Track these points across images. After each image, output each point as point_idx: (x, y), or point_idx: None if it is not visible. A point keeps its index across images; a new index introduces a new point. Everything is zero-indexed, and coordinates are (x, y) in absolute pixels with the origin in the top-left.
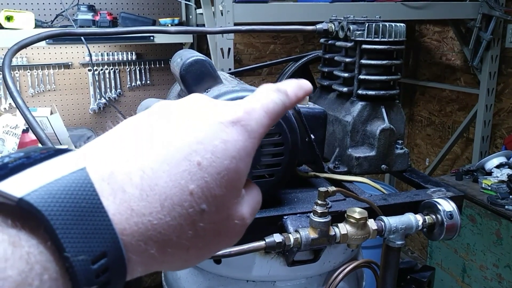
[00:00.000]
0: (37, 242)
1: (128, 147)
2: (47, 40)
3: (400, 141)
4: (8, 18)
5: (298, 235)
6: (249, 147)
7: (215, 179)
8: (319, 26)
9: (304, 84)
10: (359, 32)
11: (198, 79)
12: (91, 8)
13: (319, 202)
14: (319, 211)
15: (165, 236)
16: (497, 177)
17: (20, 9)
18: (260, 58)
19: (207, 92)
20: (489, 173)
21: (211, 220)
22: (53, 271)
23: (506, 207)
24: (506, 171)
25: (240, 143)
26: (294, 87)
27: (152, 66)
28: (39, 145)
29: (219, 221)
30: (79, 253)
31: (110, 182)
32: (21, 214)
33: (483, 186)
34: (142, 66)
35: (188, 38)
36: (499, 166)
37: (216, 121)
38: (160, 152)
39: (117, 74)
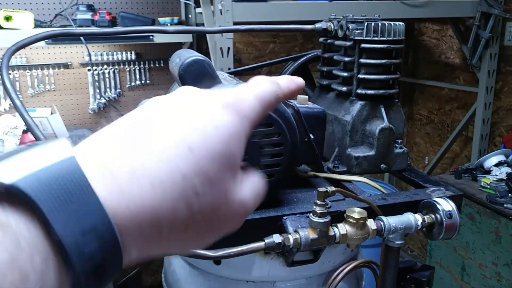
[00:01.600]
0: (25, 222)
1: (120, 137)
2: (46, 40)
3: (399, 141)
4: (7, 18)
5: (297, 236)
6: (240, 130)
7: (208, 162)
8: (318, 25)
9: (295, 78)
10: (358, 31)
11: (197, 79)
12: (90, 7)
13: (318, 202)
14: (318, 212)
15: (158, 217)
16: (496, 175)
17: (19, 9)
18: (259, 57)
19: None
20: (488, 172)
21: (207, 201)
22: (42, 248)
23: (505, 205)
24: (505, 169)
25: (231, 127)
26: (286, 79)
27: (152, 65)
28: None
29: (215, 202)
30: (67, 227)
31: (100, 168)
32: (11, 200)
33: (482, 184)
34: (142, 65)
35: (188, 38)
36: (498, 165)
37: (207, 106)
38: (151, 139)
39: (117, 74)
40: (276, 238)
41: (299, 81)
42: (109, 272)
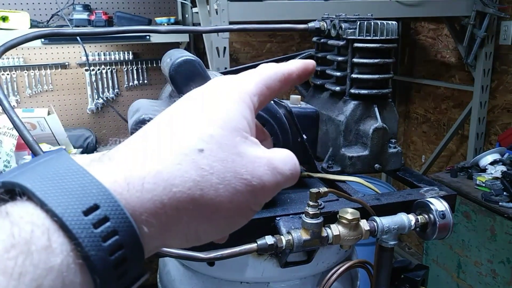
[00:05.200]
0: (25, 209)
1: (137, 137)
2: (43, 40)
3: (393, 140)
4: (3, 19)
5: (290, 237)
6: (236, 97)
7: (208, 123)
8: (311, 24)
9: (305, 60)
10: (351, 30)
11: (187, 79)
12: (86, 7)
13: (311, 203)
14: (311, 213)
15: (166, 180)
16: (491, 174)
17: (16, 9)
18: (256, 56)
19: None
20: (484, 170)
21: (215, 157)
22: (42, 226)
23: (500, 203)
24: (500, 168)
25: (228, 89)
26: (293, 60)
27: (149, 65)
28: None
29: (226, 158)
30: (65, 207)
31: (98, 158)
32: (10, 196)
33: (477, 183)
34: (139, 65)
35: (185, 38)
36: (493, 163)
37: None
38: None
39: (114, 74)
40: (269, 239)
41: (307, 60)
42: (129, 256)
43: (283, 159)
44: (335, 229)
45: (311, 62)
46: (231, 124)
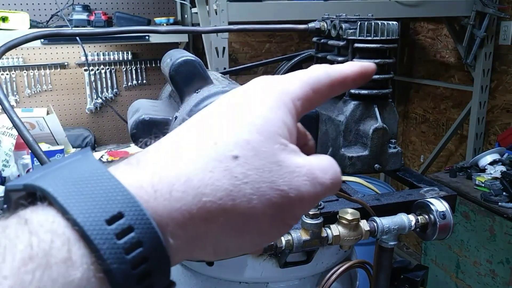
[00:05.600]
0: (45, 216)
1: (167, 140)
2: (42, 41)
3: (393, 140)
4: (3, 19)
5: (289, 237)
6: (278, 101)
7: (245, 128)
8: (311, 25)
9: (362, 62)
10: (351, 30)
11: (187, 79)
12: (86, 8)
13: None
14: (310, 213)
15: (196, 188)
16: (491, 174)
17: (15, 10)
18: (255, 57)
19: (197, 92)
20: (483, 170)
21: (251, 165)
22: (62, 235)
23: (499, 203)
24: (499, 168)
25: (269, 91)
26: (348, 64)
27: (148, 65)
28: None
29: (262, 167)
30: (88, 215)
31: (126, 161)
32: (30, 200)
33: (476, 183)
34: (138, 65)
35: (184, 38)
36: (492, 163)
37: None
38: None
39: (113, 74)
40: None
41: (365, 64)
42: (154, 270)
43: (324, 168)
44: (335, 230)
45: (371, 66)
46: (270, 129)
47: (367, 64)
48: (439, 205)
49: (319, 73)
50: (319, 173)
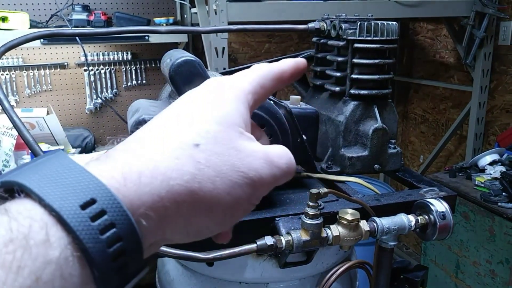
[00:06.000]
0: (23, 205)
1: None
2: (42, 41)
3: (393, 141)
4: (3, 19)
5: (289, 238)
6: (229, 93)
7: (205, 119)
8: (311, 25)
9: (296, 59)
10: (351, 31)
11: (187, 80)
12: (85, 8)
13: (311, 204)
14: (310, 213)
15: (163, 174)
16: (490, 174)
17: (15, 10)
18: (255, 57)
19: None
20: (482, 170)
21: (212, 151)
22: (41, 221)
23: (499, 204)
24: (499, 168)
25: (223, 88)
26: (284, 60)
27: (148, 65)
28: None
29: (222, 152)
30: (63, 202)
31: (96, 158)
32: (8, 195)
33: (476, 183)
34: (138, 65)
35: (183, 38)
36: (492, 163)
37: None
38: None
39: (113, 74)
40: (268, 240)
41: (297, 59)
42: (128, 249)
43: (279, 154)
44: (335, 230)
45: (301, 61)
46: (227, 120)
47: (299, 60)
48: (439, 206)
49: (264, 70)
50: (275, 157)
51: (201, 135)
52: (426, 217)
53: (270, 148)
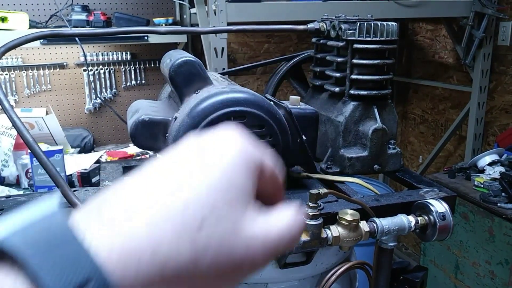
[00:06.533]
0: (12, 281)
1: (120, 187)
2: (41, 41)
3: (392, 141)
4: (2, 19)
5: None
6: (241, 161)
7: (208, 194)
8: (310, 25)
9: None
10: (351, 31)
11: (187, 80)
12: (85, 8)
13: (311, 204)
14: (310, 214)
15: (162, 262)
16: (490, 174)
17: (15, 10)
18: (254, 57)
19: (196, 93)
20: (482, 171)
21: (213, 235)
22: None
23: (498, 204)
24: (498, 168)
25: (230, 158)
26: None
27: (147, 66)
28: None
29: (223, 236)
30: (57, 282)
31: (92, 215)
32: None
33: (475, 183)
34: (137, 66)
35: (183, 38)
36: (491, 164)
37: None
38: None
39: (112, 74)
40: None
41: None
42: None
43: (281, 234)
44: (335, 230)
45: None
46: (232, 192)
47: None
48: (439, 206)
49: (278, 167)
50: (274, 242)
51: (205, 212)
52: (426, 217)
53: (275, 225)
